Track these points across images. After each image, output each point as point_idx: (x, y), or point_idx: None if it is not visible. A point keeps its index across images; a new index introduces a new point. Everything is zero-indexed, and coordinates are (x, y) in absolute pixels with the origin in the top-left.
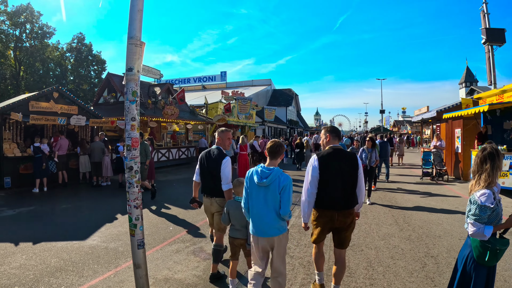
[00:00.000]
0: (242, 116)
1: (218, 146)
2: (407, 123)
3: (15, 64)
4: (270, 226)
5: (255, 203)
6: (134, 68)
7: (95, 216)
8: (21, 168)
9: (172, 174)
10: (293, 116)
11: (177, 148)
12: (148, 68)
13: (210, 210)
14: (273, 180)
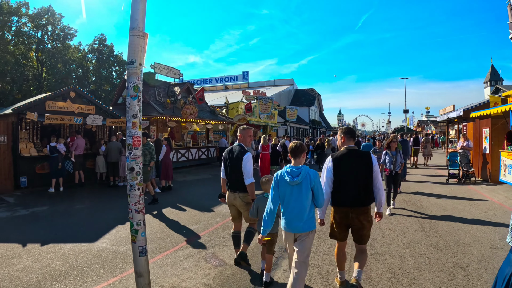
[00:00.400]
0: (264, 116)
1: (240, 143)
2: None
3: (37, 66)
4: (302, 222)
5: (288, 201)
6: (136, 61)
7: (108, 217)
8: (37, 168)
9: (191, 174)
10: (315, 116)
11: (196, 148)
12: (168, 68)
13: (233, 204)
14: (304, 177)
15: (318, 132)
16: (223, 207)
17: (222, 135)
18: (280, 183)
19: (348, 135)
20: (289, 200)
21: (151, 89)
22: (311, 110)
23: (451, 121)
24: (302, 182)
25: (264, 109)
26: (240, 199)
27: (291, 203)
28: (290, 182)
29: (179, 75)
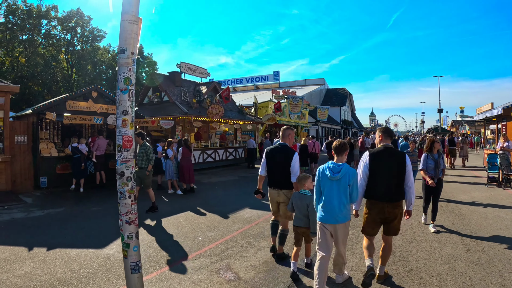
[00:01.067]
0: (294, 116)
1: (284, 143)
2: (466, 123)
3: (67, 67)
4: (339, 214)
5: (327, 194)
6: (127, 50)
7: None
8: (57, 168)
9: (217, 176)
10: (347, 116)
11: (224, 149)
12: (195, 67)
13: (276, 200)
14: (344, 174)
15: (350, 132)
16: (246, 212)
17: (250, 135)
18: (322, 177)
19: (386, 134)
20: (328, 193)
21: (177, 89)
22: (343, 110)
23: (489, 120)
24: (342, 179)
25: (294, 108)
26: (284, 195)
27: (330, 196)
28: (330, 177)
29: (206, 74)
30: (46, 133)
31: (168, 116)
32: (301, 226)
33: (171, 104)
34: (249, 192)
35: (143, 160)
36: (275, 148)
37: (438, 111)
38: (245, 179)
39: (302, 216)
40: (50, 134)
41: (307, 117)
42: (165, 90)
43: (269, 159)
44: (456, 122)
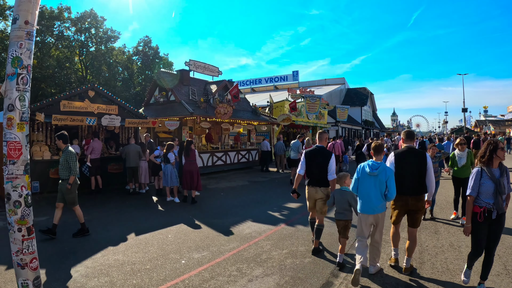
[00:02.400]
0: (312, 116)
1: (321, 145)
2: (490, 122)
3: (81, 68)
4: (377, 206)
5: (366, 188)
6: (19, 18)
7: (104, 235)
8: (51, 172)
9: (226, 180)
10: (368, 117)
11: (236, 151)
12: (205, 65)
13: (314, 197)
14: (381, 171)
15: (371, 133)
16: (247, 226)
17: (265, 136)
18: (362, 173)
19: (408, 136)
20: (368, 187)
21: (185, 88)
22: (364, 110)
23: None
24: (379, 175)
25: (311, 108)
26: (322, 192)
27: (368, 190)
28: (369, 173)
29: (217, 73)
30: (39, 135)
31: (174, 116)
32: (341, 219)
33: (177, 104)
34: (256, 201)
35: (64, 169)
36: (313, 149)
37: (463, 110)
38: (255, 184)
39: (342, 210)
40: (45, 136)
41: (326, 118)
42: (171, 89)
43: (308, 160)
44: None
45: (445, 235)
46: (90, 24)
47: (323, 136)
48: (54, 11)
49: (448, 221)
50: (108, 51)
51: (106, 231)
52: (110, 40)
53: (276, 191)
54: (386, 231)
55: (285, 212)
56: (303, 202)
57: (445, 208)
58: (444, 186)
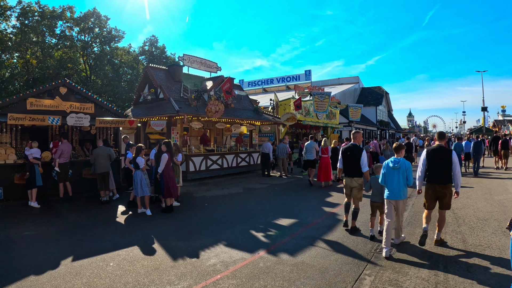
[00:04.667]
0: (322, 116)
1: (354, 143)
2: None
3: (85, 69)
4: (400, 193)
5: (391, 179)
6: None
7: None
8: (16, 178)
9: (219, 187)
10: (383, 117)
11: (234, 154)
12: (201, 60)
13: (350, 185)
14: (401, 165)
15: (387, 134)
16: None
17: (270, 138)
18: (387, 167)
19: (440, 136)
20: (391, 179)
21: (176, 85)
22: (379, 110)
23: None
24: (400, 168)
25: (320, 106)
26: (356, 181)
27: (393, 180)
28: (392, 167)
29: (215, 68)
30: (6, 136)
31: (161, 115)
32: (377, 202)
33: (166, 102)
34: (242, 215)
35: None
36: (348, 147)
37: (482, 109)
38: (250, 192)
39: (378, 194)
40: (12, 137)
41: (338, 117)
42: (160, 86)
43: (344, 155)
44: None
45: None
46: (93, 24)
47: (356, 135)
48: (56, 11)
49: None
50: (112, 51)
51: (43, 253)
52: (114, 39)
53: (271, 202)
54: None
55: (272, 232)
56: (299, 218)
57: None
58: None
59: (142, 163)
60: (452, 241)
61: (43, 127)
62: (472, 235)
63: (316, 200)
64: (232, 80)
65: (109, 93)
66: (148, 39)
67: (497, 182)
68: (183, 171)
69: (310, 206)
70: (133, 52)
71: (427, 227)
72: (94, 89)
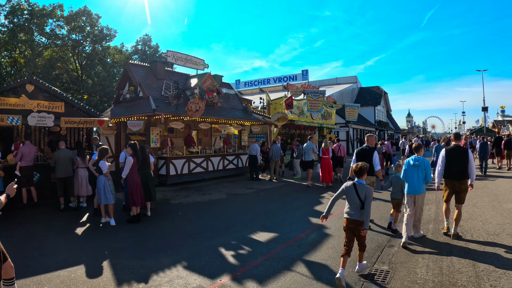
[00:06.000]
0: (317, 116)
1: (368, 145)
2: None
3: (76, 68)
4: (419, 188)
5: (411, 175)
6: None
7: None
8: None
9: (201, 192)
10: (382, 117)
11: (220, 156)
12: (187, 57)
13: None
14: (421, 163)
15: (385, 134)
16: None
17: (262, 138)
18: (408, 165)
19: (456, 137)
20: (412, 175)
21: (158, 82)
22: (377, 110)
23: None
24: (420, 165)
25: (313, 106)
26: (368, 179)
27: (413, 177)
28: (413, 164)
29: (202, 66)
30: None
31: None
32: (396, 198)
33: (145, 101)
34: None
35: None
36: (363, 148)
37: (483, 109)
38: (233, 199)
39: (397, 191)
40: None
41: (334, 117)
42: (140, 84)
43: (358, 156)
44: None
45: None
46: (84, 23)
47: (369, 138)
48: (46, 9)
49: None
50: (104, 50)
51: None
52: (106, 38)
53: (253, 210)
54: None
55: (245, 250)
56: (280, 232)
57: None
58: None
59: (106, 168)
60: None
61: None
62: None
63: (304, 208)
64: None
65: (100, 93)
66: (141, 38)
67: (504, 186)
68: (163, 174)
69: (295, 216)
70: (125, 52)
71: (448, 221)
72: (84, 88)
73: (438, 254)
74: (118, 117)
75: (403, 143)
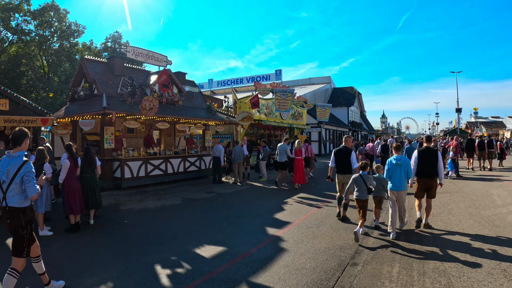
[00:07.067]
0: (287, 115)
1: (345, 145)
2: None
3: (42, 65)
4: (401, 185)
5: (394, 173)
6: None
7: None
8: None
9: (156, 197)
10: (356, 118)
11: (181, 158)
12: (148, 53)
13: (342, 181)
14: (402, 162)
15: (359, 135)
16: None
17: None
18: (391, 164)
19: (427, 139)
20: (394, 173)
21: (116, 79)
22: (351, 110)
23: None
24: (402, 164)
25: (281, 105)
26: (347, 177)
27: (396, 175)
28: (395, 163)
29: (165, 62)
30: None
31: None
32: (377, 196)
33: (99, 98)
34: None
35: None
36: (340, 148)
37: (456, 110)
38: (189, 204)
39: (378, 190)
40: None
41: (305, 118)
42: (94, 80)
43: (337, 156)
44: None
45: None
46: (51, 18)
47: (347, 139)
48: (11, 2)
49: None
50: (71, 47)
51: None
52: (74, 34)
53: (206, 218)
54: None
55: (183, 269)
56: (229, 245)
57: None
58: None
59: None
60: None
61: None
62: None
63: (263, 216)
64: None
65: (67, 91)
66: (111, 35)
67: (480, 189)
68: (118, 177)
69: (251, 226)
70: (94, 49)
71: (420, 214)
72: (50, 86)
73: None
74: (71, 116)
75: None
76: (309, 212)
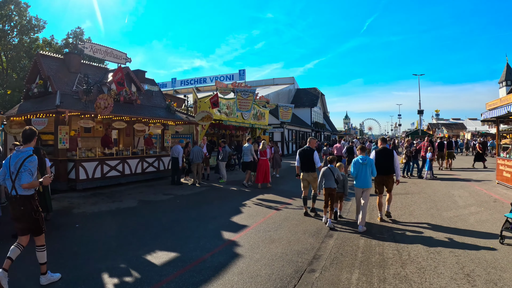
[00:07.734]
0: (248, 115)
1: (309, 146)
2: (443, 126)
3: (0, 61)
4: (367, 183)
5: (361, 172)
6: None
7: None
8: None
9: (112, 199)
10: (319, 119)
11: (139, 159)
12: (107, 50)
13: (307, 179)
14: (367, 161)
15: (322, 136)
16: None
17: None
18: (357, 163)
19: (383, 140)
20: (360, 172)
21: (72, 76)
22: (314, 111)
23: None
24: (367, 163)
25: (243, 105)
26: (311, 175)
27: (362, 173)
28: (361, 163)
29: (124, 60)
30: None
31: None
32: (340, 192)
33: (54, 96)
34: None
35: None
36: (304, 149)
37: (418, 112)
38: (145, 207)
39: (341, 186)
40: None
41: (267, 118)
42: (49, 77)
43: (301, 155)
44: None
45: None
46: (11, 11)
47: (311, 140)
48: None
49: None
50: (31, 42)
51: None
52: (34, 29)
53: (161, 222)
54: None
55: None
56: (182, 250)
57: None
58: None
59: None
60: None
61: None
62: (422, 286)
63: (219, 219)
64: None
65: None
66: (73, 31)
67: (442, 190)
68: (72, 179)
69: (207, 230)
70: (55, 44)
71: (382, 213)
72: (9, 83)
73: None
74: (24, 114)
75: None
76: (268, 214)
